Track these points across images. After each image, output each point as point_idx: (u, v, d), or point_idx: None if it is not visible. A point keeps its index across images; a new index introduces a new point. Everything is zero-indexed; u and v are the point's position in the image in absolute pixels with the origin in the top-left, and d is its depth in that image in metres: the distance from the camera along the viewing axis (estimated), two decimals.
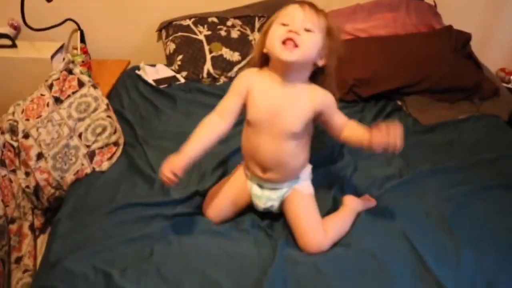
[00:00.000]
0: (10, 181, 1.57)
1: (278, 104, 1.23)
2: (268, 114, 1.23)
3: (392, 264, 1.21)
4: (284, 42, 1.16)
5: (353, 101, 2.00)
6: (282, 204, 1.35)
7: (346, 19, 2.23)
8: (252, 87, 1.25)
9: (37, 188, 1.59)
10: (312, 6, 1.21)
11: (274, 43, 1.18)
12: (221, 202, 1.37)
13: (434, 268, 1.21)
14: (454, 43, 2.08)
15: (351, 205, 1.39)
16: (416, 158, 1.66)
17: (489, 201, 1.47)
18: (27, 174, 1.60)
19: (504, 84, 2.29)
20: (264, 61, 1.27)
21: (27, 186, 1.59)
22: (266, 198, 1.33)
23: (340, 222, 1.33)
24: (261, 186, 1.34)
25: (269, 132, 1.24)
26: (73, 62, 1.63)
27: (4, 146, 1.58)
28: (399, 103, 2.01)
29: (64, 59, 1.63)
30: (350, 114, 1.88)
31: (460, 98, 1.99)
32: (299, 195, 1.33)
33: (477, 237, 1.32)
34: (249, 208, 1.41)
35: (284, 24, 1.18)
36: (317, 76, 1.27)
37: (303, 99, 1.23)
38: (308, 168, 1.40)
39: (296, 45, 1.15)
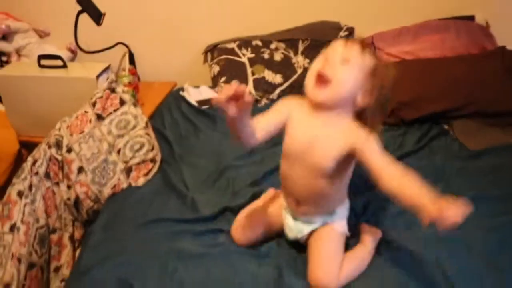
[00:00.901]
0: (53, 193, 1.65)
1: (312, 138, 1.16)
2: (301, 147, 1.18)
3: None
4: (317, 78, 1.12)
5: (395, 125, 1.94)
6: (309, 235, 1.29)
7: (391, 41, 2.18)
8: (293, 114, 1.21)
9: (77, 201, 1.65)
10: (360, 42, 1.14)
11: (308, 78, 1.15)
12: (254, 226, 1.34)
13: None
14: (508, 64, 1.97)
15: (370, 244, 1.29)
16: (459, 184, 1.56)
17: None
18: (68, 187, 1.67)
19: None
20: None
21: (68, 198, 1.66)
22: (298, 231, 1.29)
23: (357, 264, 1.24)
24: (295, 218, 1.30)
25: (301, 166, 1.19)
26: (116, 81, 1.71)
27: (50, 159, 1.67)
28: (446, 127, 1.92)
29: (108, 78, 1.71)
30: (391, 137, 1.85)
31: None
32: (329, 231, 1.26)
33: None
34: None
35: (323, 59, 1.14)
36: (362, 114, 1.18)
37: (338, 136, 1.14)
38: (346, 204, 1.33)
39: (328, 80, 1.10)
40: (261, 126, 1.17)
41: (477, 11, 2.20)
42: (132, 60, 2.28)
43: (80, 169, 1.63)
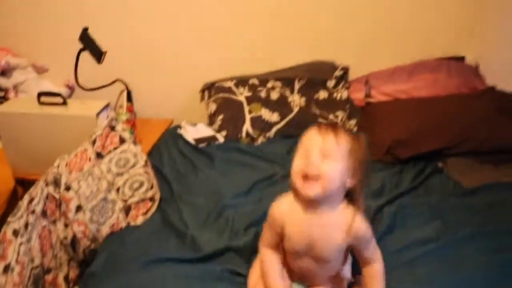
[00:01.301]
0: (50, 231, 1.63)
1: (311, 236, 1.19)
2: (303, 247, 1.21)
3: None
4: (304, 179, 1.14)
5: (390, 163, 1.96)
6: None
7: (386, 80, 2.25)
8: (285, 221, 1.23)
9: (74, 240, 1.64)
10: (332, 131, 1.16)
11: (295, 178, 1.16)
12: None
13: None
14: (498, 103, 2.03)
15: None
16: (455, 221, 1.58)
17: None
18: (65, 225, 1.65)
19: None
20: None
21: (65, 237, 1.65)
22: None
23: None
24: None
25: (308, 259, 1.23)
26: (116, 119, 1.73)
27: (47, 197, 1.66)
28: (440, 165, 1.95)
29: (108, 116, 1.73)
30: (388, 176, 1.87)
31: (505, 160, 1.90)
32: None
33: None
34: None
35: (304, 155, 1.16)
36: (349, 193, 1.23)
37: (336, 230, 1.18)
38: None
39: (316, 179, 1.13)
40: (275, 246, 1.27)
41: (468, 52, 2.28)
42: (129, 97, 2.30)
43: (78, 208, 1.62)
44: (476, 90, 2.16)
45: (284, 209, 1.23)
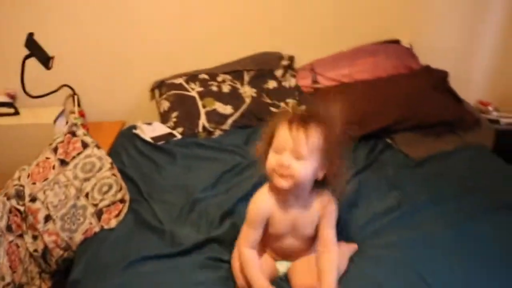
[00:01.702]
0: (17, 246, 1.58)
1: (294, 219, 1.30)
2: (285, 229, 1.31)
3: None
4: (279, 176, 1.21)
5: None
6: None
7: (330, 66, 2.36)
8: (269, 213, 1.30)
9: (46, 251, 1.59)
10: (302, 129, 1.19)
11: (270, 172, 1.24)
12: None
13: None
14: (434, 81, 2.22)
15: (347, 254, 1.41)
16: (412, 190, 1.73)
17: (486, 225, 1.53)
18: (34, 237, 1.60)
19: (484, 115, 2.41)
20: None
21: (35, 250, 1.60)
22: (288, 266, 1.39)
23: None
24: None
25: (291, 238, 1.33)
26: (76, 124, 1.69)
27: (10, 211, 1.60)
28: (389, 141, 2.10)
29: (67, 122, 1.69)
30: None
31: (445, 131, 2.09)
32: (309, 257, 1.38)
33: (482, 258, 1.37)
34: None
35: (276, 151, 1.21)
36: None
37: (312, 209, 1.30)
38: None
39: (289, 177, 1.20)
40: (256, 243, 1.32)
41: (402, 35, 2.45)
42: (77, 102, 2.24)
43: (47, 218, 1.58)
44: (412, 70, 2.34)
45: (263, 202, 1.30)
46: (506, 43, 2.58)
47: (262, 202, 1.30)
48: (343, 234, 1.49)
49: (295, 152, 1.19)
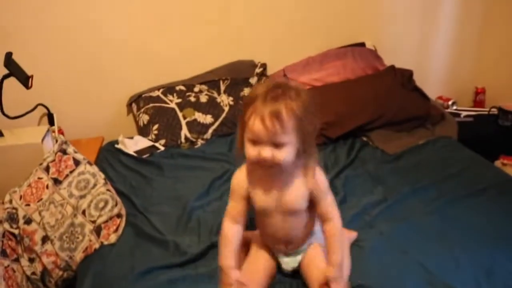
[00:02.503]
0: (13, 270, 1.55)
1: (278, 192, 1.28)
2: (271, 202, 1.30)
3: (405, 281, 1.34)
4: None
5: (323, 143, 2.18)
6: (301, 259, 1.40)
7: (301, 71, 2.45)
8: (248, 186, 1.31)
9: (44, 273, 1.57)
10: (276, 119, 1.14)
11: (251, 160, 1.22)
12: (258, 283, 1.34)
13: (439, 273, 1.35)
14: (400, 79, 2.36)
15: (347, 244, 1.47)
16: (394, 183, 1.84)
17: (465, 208, 1.67)
18: (31, 260, 1.58)
19: (445, 110, 2.59)
20: None
21: (33, 273, 1.57)
22: (294, 261, 1.39)
23: (346, 260, 1.39)
24: (287, 254, 1.40)
25: (279, 215, 1.31)
26: (65, 142, 1.68)
27: (3, 235, 1.56)
28: (365, 138, 2.21)
29: (56, 141, 1.67)
30: (325, 155, 2.08)
31: (415, 126, 2.24)
32: (318, 250, 1.38)
33: (466, 239, 1.50)
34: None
35: (254, 141, 1.18)
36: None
37: (297, 180, 1.27)
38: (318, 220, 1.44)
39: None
40: (238, 217, 1.33)
41: (366, 38, 2.59)
42: (52, 121, 2.21)
43: (45, 239, 1.56)
44: (378, 70, 2.47)
45: (242, 175, 1.31)
46: (459, 43, 2.78)
47: (241, 174, 1.32)
48: None
49: (273, 143, 1.17)
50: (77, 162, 1.67)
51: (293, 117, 1.15)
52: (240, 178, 1.33)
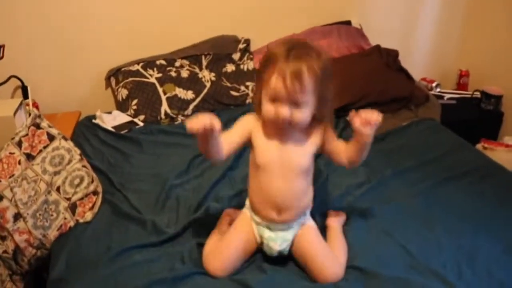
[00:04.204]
0: None
1: (284, 146, 1.27)
2: (276, 156, 1.27)
3: (389, 264, 1.32)
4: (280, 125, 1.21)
5: None
6: (292, 243, 1.34)
7: None
8: (256, 131, 1.29)
9: (17, 251, 1.51)
10: (296, 78, 1.14)
11: (267, 120, 1.23)
12: (230, 253, 1.30)
13: (421, 256, 1.35)
14: (385, 59, 2.32)
15: (338, 227, 1.45)
16: (377, 164, 1.82)
17: (447, 191, 1.67)
18: (2, 238, 1.51)
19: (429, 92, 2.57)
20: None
21: (5, 251, 1.51)
22: (282, 239, 1.32)
23: (342, 245, 1.37)
24: (271, 229, 1.33)
25: (281, 173, 1.28)
26: (39, 116, 1.60)
27: None
28: (348, 118, 2.17)
29: (29, 114, 1.59)
30: None
31: (399, 107, 2.22)
32: (310, 231, 1.35)
33: (448, 222, 1.50)
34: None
35: (273, 98, 1.18)
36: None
37: (304, 138, 1.28)
38: (311, 201, 1.42)
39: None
40: (226, 142, 1.25)
41: (352, 16, 2.54)
42: (26, 94, 2.12)
43: (17, 216, 1.49)
44: (363, 50, 2.43)
45: (256, 121, 1.30)
46: (444, 24, 2.75)
47: (253, 117, 1.31)
48: (322, 207, 1.55)
49: (292, 102, 1.17)
50: (51, 137, 1.60)
51: (314, 77, 1.17)
52: (250, 119, 1.31)
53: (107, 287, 1.25)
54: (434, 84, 2.68)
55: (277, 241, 1.32)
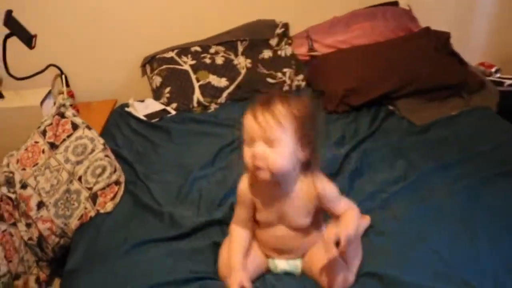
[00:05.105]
0: (11, 235, 1.52)
1: (281, 206, 1.19)
2: (275, 215, 1.21)
3: (416, 271, 1.19)
4: (255, 169, 1.12)
5: (345, 112, 2.01)
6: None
7: (326, 33, 2.27)
8: (253, 196, 1.22)
9: (41, 239, 1.54)
10: (268, 113, 1.08)
11: (247, 165, 1.13)
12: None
13: (455, 265, 1.19)
14: (435, 43, 2.13)
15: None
16: (417, 158, 1.67)
17: (494, 191, 1.47)
18: (28, 225, 1.54)
19: (486, 78, 2.34)
20: None
21: (30, 238, 1.54)
22: (294, 267, 1.27)
23: (355, 252, 1.25)
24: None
25: (283, 227, 1.22)
26: (64, 105, 1.61)
27: (1, 199, 1.53)
28: (391, 107, 2.02)
29: (54, 103, 1.60)
30: (345, 125, 1.92)
31: (449, 95, 2.02)
32: (320, 250, 1.23)
33: (491, 226, 1.32)
34: None
35: (249, 143, 1.11)
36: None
37: (302, 197, 1.18)
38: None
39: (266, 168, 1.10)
40: (245, 222, 1.25)
41: None
42: (66, 82, 2.15)
43: (40, 204, 1.51)
44: (411, 32, 2.25)
45: (245, 186, 1.23)
46: (507, 1, 2.48)
47: (244, 183, 1.23)
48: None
49: (266, 139, 1.08)
50: (75, 126, 1.60)
51: (288, 115, 1.09)
52: (243, 187, 1.23)
53: (115, 284, 1.23)
54: (493, 69, 2.42)
55: (287, 268, 1.27)
